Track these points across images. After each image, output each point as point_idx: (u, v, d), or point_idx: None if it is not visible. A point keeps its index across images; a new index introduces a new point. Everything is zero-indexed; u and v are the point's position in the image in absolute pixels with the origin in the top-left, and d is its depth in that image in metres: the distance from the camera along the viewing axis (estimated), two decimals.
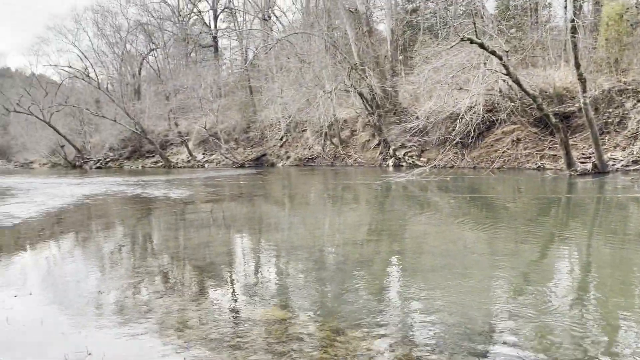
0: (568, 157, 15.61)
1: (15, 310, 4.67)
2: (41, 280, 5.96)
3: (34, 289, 5.43)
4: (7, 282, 5.76)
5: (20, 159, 67.28)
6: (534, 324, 3.96)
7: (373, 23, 32.86)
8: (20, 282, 5.80)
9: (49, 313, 4.64)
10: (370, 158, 28.61)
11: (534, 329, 3.85)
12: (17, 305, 4.82)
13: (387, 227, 9.08)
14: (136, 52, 56.60)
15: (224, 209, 12.92)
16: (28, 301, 4.98)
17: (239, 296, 5.11)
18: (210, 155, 39.78)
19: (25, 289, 5.39)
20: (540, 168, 18.88)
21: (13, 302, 4.91)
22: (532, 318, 4.07)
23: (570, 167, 15.67)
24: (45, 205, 13.83)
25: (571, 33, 14.16)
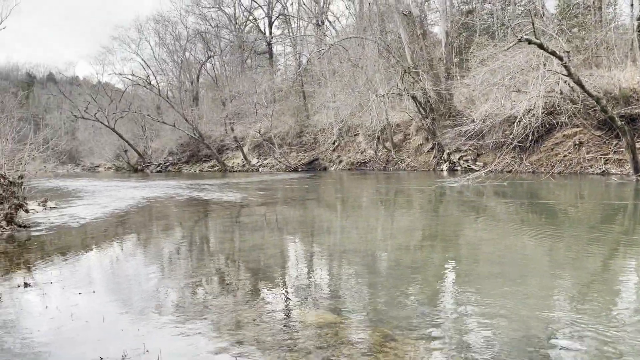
0: (635, 162, 14.75)
1: (79, 307, 4.94)
2: (104, 279, 6.27)
3: (97, 287, 5.72)
4: (73, 280, 6.10)
5: (87, 163, 71.11)
6: (596, 335, 3.76)
7: (427, 26, 32.45)
8: (85, 280, 6.13)
9: (110, 310, 4.87)
10: (423, 162, 28.20)
11: (596, 341, 3.66)
12: (81, 302, 5.10)
13: (441, 232, 8.91)
14: (194, 59, 58.60)
15: (277, 212, 13.11)
16: (91, 298, 5.26)
17: (291, 298, 5.17)
18: (265, 159, 40.50)
19: (89, 287, 5.69)
20: (604, 173, 17.95)
21: (77, 299, 5.19)
22: (594, 329, 3.87)
23: (638, 171, 14.81)
24: (109, 207, 14.55)
25: (638, 31, 13.38)
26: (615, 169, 17.66)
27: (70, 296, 5.30)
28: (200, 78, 57.88)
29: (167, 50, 58.02)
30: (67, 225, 10.89)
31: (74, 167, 76.13)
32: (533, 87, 15.43)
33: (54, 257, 7.49)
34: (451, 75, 27.32)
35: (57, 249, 8.13)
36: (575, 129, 19.71)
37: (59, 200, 17.50)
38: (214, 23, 55.34)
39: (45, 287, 5.66)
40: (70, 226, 10.71)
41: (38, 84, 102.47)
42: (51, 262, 7.11)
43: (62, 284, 5.80)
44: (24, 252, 8.01)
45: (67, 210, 13.84)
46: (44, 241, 8.91)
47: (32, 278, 6.13)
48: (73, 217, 12.19)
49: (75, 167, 75.76)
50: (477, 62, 19.43)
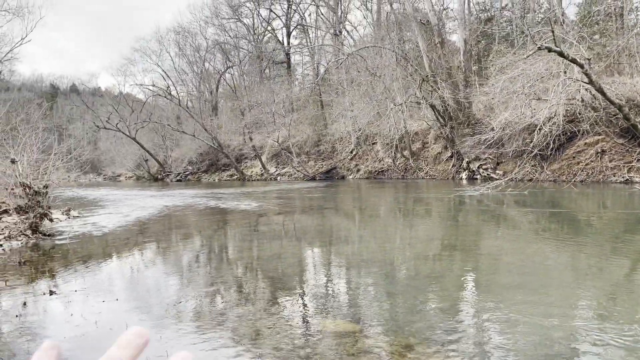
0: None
1: (103, 315, 5.03)
2: (126, 287, 6.38)
3: (120, 295, 5.82)
4: (97, 288, 6.21)
5: (109, 172, 72.33)
6: (619, 347, 3.70)
7: (445, 34, 32.38)
8: (108, 288, 6.24)
9: (132, 318, 4.95)
10: (442, 171, 28.02)
11: (618, 353, 3.60)
12: (105, 310, 5.19)
13: (461, 242, 8.85)
14: (214, 70, 59.36)
15: (295, 221, 13.16)
16: (114, 306, 5.35)
17: (309, 308, 5.20)
18: (283, 168, 40.69)
19: (112, 295, 5.80)
20: (627, 181, 17.62)
21: (101, 307, 5.29)
22: (617, 341, 3.81)
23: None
24: (130, 216, 14.78)
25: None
26: (638, 177, 17.32)
27: (94, 304, 5.40)
28: (219, 88, 58.58)
29: (187, 61, 58.91)
30: (90, 233, 11.10)
31: (96, 176, 77.45)
32: (554, 95, 15.25)
33: (78, 265, 7.64)
34: (470, 84, 27.18)
35: (80, 258, 8.29)
36: (597, 137, 19.40)
37: (82, 209, 17.84)
38: (233, 34, 56.07)
39: (69, 295, 5.78)
40: (93, 235, 10.91)
41: (61, 95, 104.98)
42: (75, 270, 7.26)
43: (86, 292, 5.91)
44: (48, 260, 8.19)
45: (90, 219, 14.11)
46: (67, 250, 9.10)
47: (57, 286, 6.27)
48: (95, 226, 12.42)
49: (97, 176, 77.07)
50: (496, 70, 19.29)
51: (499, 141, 21.81)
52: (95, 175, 79.64)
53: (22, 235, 10.26)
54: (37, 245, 9.56)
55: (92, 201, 22.95)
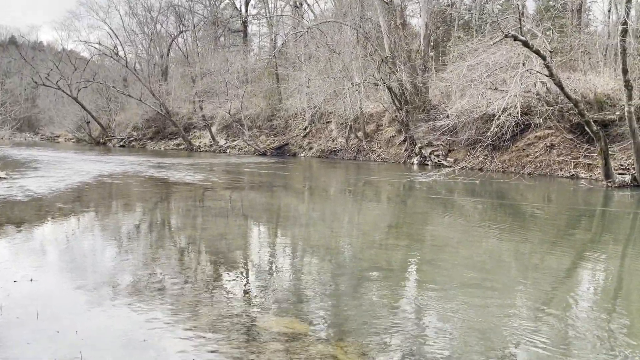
0: (606, 168, 14.77)
1: (10, 298, 4.30)
2: (47, 263, 5.59)
3: (38, 274, 5.06)
4: (14, 262, 5.41)
5: (46, 132, 68.33)
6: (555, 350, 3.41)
7: (407, 16, 32.03)
8: (26, 263, 5.45)
9: (49, 300, 4.25)
10: (394, 154, 27.95)
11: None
12: (16, 291, 4.46)
13: (409, 230, 8.55)
14: (166, 33, 56.57)
15: (242, 197, 12.53)
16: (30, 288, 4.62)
17: (252, 300, 4.66)
18: (233, 141, 39.53)
19: (29, 270, 5.03)
20: (573, 177, 18.04)
21: (10, 288, 4.55)
22: (554, 344, 3.51)
23: (608, 178, 14.84)
24: (65, 181, 13.63)
25: (621, 36, 13.28)
26: (584, 173, 17.75)
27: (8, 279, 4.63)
28: (171, 53, 55.96)
29: (138, 21, 55.78)
30: (16, 198, 10.01)
31: (33, 135, 73.05)
32: (513, 86, 15.21)
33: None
34: (428, 69, 27.03)
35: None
36: (548, 130, 19.72)
37: (11, 170, 16.41)
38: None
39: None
40: (19, 200, 9.84)
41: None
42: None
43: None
44: None
45: (18, 182, 12.88)
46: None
47: None
48: (23, 190, 11.30)
49: (34, 135, 72.69)
50: (455, 56, 19.14)
51: (453, 129, 21.81)
52: (32, 134, 75.14)
53: None
54: None
55: (24, 162, 21.27)
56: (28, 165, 19.52)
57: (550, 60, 13.42)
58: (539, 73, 14.87)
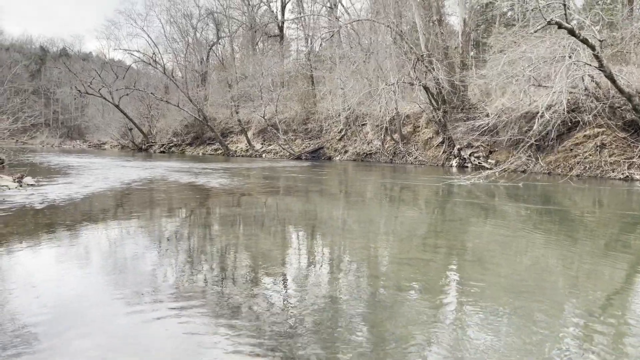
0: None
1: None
2: (34, 284, 5.18)
3: (17, 300, 4.64)
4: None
5: (94, 140, 70.60)
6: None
7: (444, 14, 30.92)
8: (13, 279, 5.06)
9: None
10: (432, 157, 26.93)
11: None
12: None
13: (446, 240, 7.76)
14: (205, 40, 57.37)
15: (278, 203, 12.05)
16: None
17: (289, 310, 4.10)
18: (269, 145, 39.39)
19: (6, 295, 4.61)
20: (627, 178, 16.63)
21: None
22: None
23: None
24: (90, 187, 13.51)
25: None
26: (639, 174, 16.31)
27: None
28: (210, 59, 56.70)
29: (178, 29, 56.82)
30: (29, 206, 9.84)
31: (82, 142, 75.74)
32: (559, 81, 14.05)
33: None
34: (466, 66, 25.89)
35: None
36: (598, 129, 18.29)
37: (43, 177, 16.54)
38: (226, 4, 54.03)
39: None
40: (31, 208, 9.65)
41: (51, 58, 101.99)
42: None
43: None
44: None
45: (43, 189, 12.83)
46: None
47: None
48: (42, 197, 11.16)
49: (82, 142, 75.36)
50: (495, 51, 18.04)
51: (493, 128, 20.70)
52: (80, 141, 77.97)
53: None
54: None
55: (61, 168, 21.60)
56: (61, 171, 19.74)
57: (600, 50, 12.27)
58: (588, 65, 13.69)
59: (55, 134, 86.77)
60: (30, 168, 20.19)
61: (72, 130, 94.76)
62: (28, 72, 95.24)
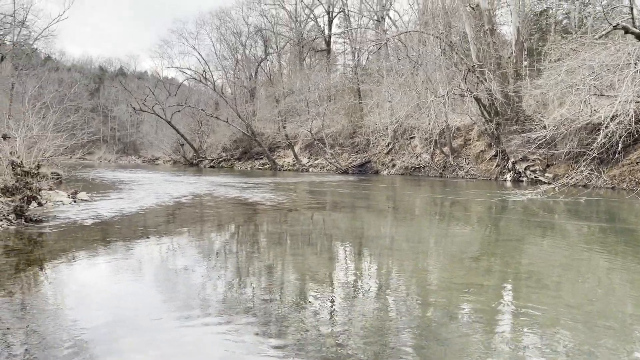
0: None
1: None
2: (73, 303, 5.06)
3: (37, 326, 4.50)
4: (38, 299, 4.94)
5: (148, 155, 73.13)
6: None
7: (496, 23, 29.97)
8: (49, 300, 4.95)
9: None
10: (484, 170, 25.91)
11: None
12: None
13: (501, 262, 7.15)
14: (253, 56, 58.42)
15: (325, 219, 11.75)
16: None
17: (337, 326, 3.79)
18: (315, 159, 39.29)
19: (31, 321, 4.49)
20: None
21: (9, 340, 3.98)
22: None
23: None
24: (140, 202, 13.66)
25: None
26: None
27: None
28: (258, 75, 57.64)
29: (228, 46, 58.15)
30: (81, 222, 9.95)
31: (137, 158, 78.67)
32: (624, 90, 13.06)
33: (34, 266, 6.42)
34: (521, 77, 24.84)
35: (46, 253, 7.09)
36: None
37: (97, 192, 16.97)
38: (274, 20, 54.94)
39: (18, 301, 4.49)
40: (83, 223, 9.75)
41: (109, 77, 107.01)
42: (27, 270, 6.02)
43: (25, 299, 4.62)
44: (6, 254, 7.00)
45: (95, 204, 13.07)
46: (40, 240, 7.95)
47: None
48: (94, 212, 11.33)
49: (137, 158, 78.26)
50: (552, 60, 17.11)
51: (551, 141, 19.61)
52: (136, 157, 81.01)
53: (4, 220, 9.20)
54: (14, 233, 8.46)
55: (114, 183, 22.21)
56: (114, 186, 20.24)
57: None
58: None
59: (112, 149, 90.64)
60: (85, 183, 20.87)
61: (128, 146, 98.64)
62: (88, 91, 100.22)
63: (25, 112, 14.16)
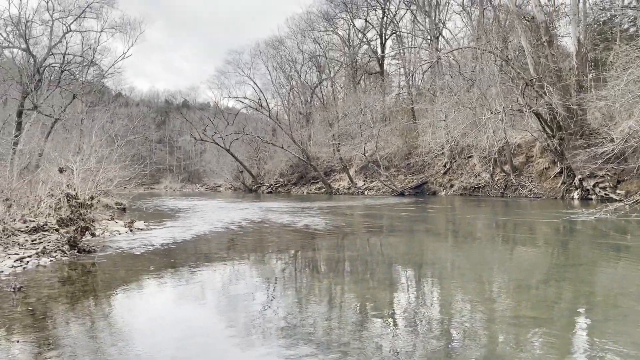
0: None
1: None
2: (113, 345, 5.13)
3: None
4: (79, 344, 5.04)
5: (210, 183, 75.48)
6: None
7: (555, 36, 28.86)
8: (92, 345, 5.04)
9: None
10: (549, 189, 24.66)
11: None
12: None
13: (572, 290, 6.63)
14: (308, 82, 59.41)
15: (382, 243, 11.53)
16: None
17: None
18: (371, 182, 38.99)
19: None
20: None
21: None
22: None
23: None
24: (193, 230, 13.92)
25: None
26: None
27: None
28: (313, 100, 58.46)
29: (283, 74, 59.48)
30: (130, 251, 10.21)
31: (200, 186, 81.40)
32: None
33: (79, 297, 6.61)
34: (584, 88, 23.63)
35: (94, 285, 7.30)
36: None
37: (155, 220, 17.51)
38: (327, 46, 55.75)
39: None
40: (131, 253, 9.99)
41: (174, 110, 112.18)
42: (72, 305, 6.19)
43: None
44: (54, 286, 7.21)
45: (149, 233, 13.45)
46: (88, 271, 8.22)
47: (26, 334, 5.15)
48: (146, 242, 11.60)
49: (200, 186, 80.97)
50: (618, 69, 16.14)
51: (620, 155, 18.39)
52: (199, 185, 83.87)
53: (58, 251, 9.59)
54: (67, 264, 8.79)
55: (172, 211, 22.92)
56: (172, 214, 20.84)
57: None
58: None
59: (177, 178, 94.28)
60: (146, 212, 21.68)
61: (192, 175, 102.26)
62: (155, 123, 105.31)
63: (91, 145, 14.96)
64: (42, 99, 27.04)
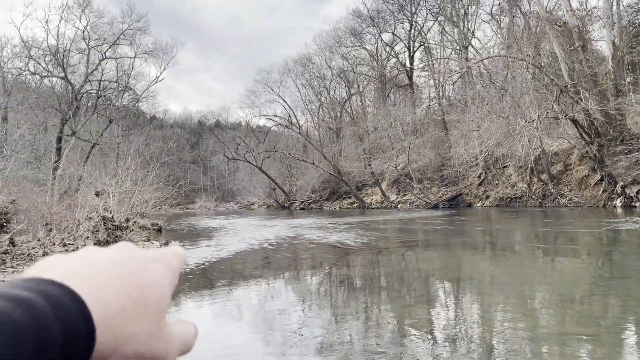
0: None
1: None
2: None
3: None
4: None
5: (244, 201, 76.28)
6: None
7: (589, 40, 28.19)
8: None
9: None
10: (590, 197, 23.85)
11: None
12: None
13: (621, 296, 6.34)
14: (337, 98, 59.71)
15: (418, 258, 11.36)
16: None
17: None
18: (404, 195, 38.61)
19: None
20: None
21: None
22: None
23: None
24: (225, 249, 14.04)
25: None
26: None
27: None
28: (342, 115, 58.66)
29: (312, 91, 60.00)
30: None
31: (234, 204, 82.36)
32: None
33: None
34: (622, 93, 22.89)
35: None
36: None
37: (189, 240, 17.74)
38: (355, 61, 56.02)
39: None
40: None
41: (207, 130, 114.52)
42: None
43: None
44: None
45: (186, 252, 13.63)
46: None
47: None
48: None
49: (234, 204, 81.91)
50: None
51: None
52: (233, 203, 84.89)
53: None
54: None
55: (207, 230, 23.20)
56: (206, 234, 21.08)
57: None
58: None
59: (211, 197, 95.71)
60: (180, 232, 22.00)
61: (226, 194, 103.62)
62: (189, 144, 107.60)
63: (127, 168, 15.34)
64: (80, 124, 28.07)
